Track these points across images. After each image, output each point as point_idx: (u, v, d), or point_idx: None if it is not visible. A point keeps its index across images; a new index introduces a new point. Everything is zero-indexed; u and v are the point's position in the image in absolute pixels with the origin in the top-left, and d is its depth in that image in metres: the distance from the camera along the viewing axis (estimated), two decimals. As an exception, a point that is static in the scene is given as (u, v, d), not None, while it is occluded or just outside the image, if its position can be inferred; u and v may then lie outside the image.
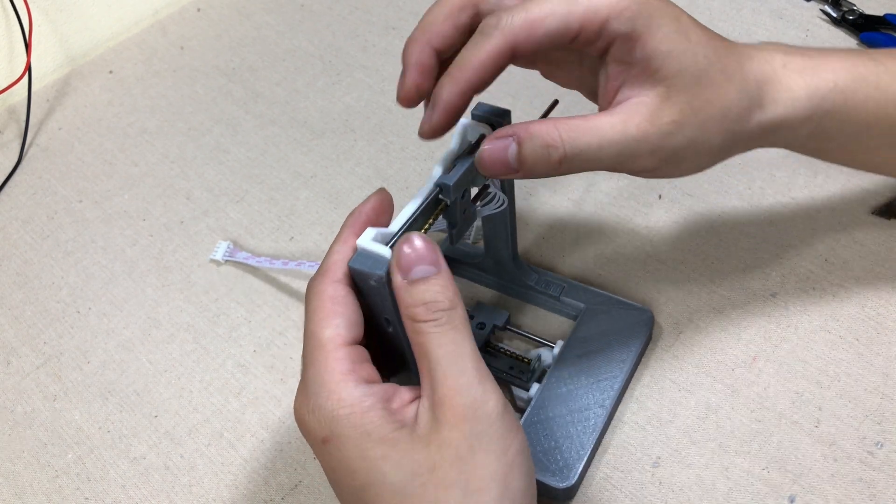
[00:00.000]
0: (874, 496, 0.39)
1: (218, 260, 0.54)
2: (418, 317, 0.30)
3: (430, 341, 0.30)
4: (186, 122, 0.65)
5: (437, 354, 0.30)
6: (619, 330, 0.45)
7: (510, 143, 0.33)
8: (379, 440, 0.29)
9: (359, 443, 0.29)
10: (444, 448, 0.29)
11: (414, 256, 0.30)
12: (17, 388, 0.49)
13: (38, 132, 0.66)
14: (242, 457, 0.45)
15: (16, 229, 0.59)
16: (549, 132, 0.33)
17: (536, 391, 0.43)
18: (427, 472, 0.29)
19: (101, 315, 0.52)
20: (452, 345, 0.30)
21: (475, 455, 0.29)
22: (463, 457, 0.29)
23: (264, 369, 0.48)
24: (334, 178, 0.59)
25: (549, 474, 0.40)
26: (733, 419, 0.43)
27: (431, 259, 0.31)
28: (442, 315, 0.30)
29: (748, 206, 0.53)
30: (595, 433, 0.41)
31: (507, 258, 0.47)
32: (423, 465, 0.29)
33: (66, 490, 0.44)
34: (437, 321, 0.30)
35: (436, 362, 0.30)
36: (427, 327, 0.30)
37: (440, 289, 0.30)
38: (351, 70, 0.68)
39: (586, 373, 0.43)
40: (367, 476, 0.29)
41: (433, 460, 0.29)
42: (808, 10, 0.67)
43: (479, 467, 0.29)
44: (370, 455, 0.29)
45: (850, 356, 0.45)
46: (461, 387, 0.30)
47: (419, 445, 0.29)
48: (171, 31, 0.75)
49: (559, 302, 0.47)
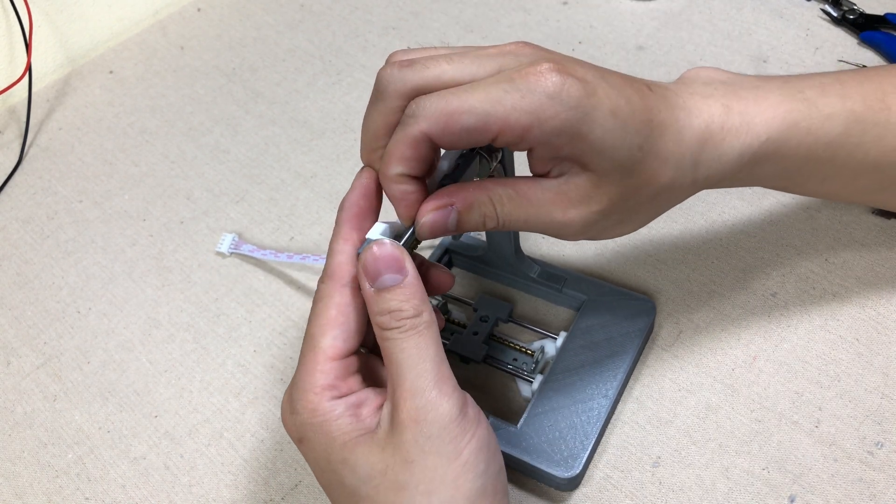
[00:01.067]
0: (874, 496, 0.39)
1: (223, 252, 0.54)
2: (384, 325, 0.31)
3: (392, 347, 0.31)
4: (186, 122, 0.65)
5: (398, 359, 0.31)
6: (621, 320, 0.45)
7: (451, 213, 0.33)
8: (341, 446, 0.31)
9: (324, 447, 0.31)
10: (397, 451, 0.30)
11: (380, 264, 0.31)
12: (18, 388, 0.49)
13: (39, 132, 0.66)
14: (242, 457, 0.45)
15: (16, 229, 0.59)
16: (486, 206, 0.33)
17: (540, 382, 0.43)
18: (379, 476, 0.30)
19: (102, 315, 0.52)
20: (414, 349, 0.31)
21: (426, 458, 0.30)
22: (413, 459, 0.30)
23: (264, 369, 0.48)
24: (334, 178, 0.59)
25: (553, 464, 0.40)
26: (733, 419, 0.43)
27: (397, 266, 0.31)
28: (405, 322, 0.31)
29: (748, 206, 0.53)
30: (599, 423, 0.41)
31: (509, 251, 0.47)
32: (375, 467, 0.30)
33: (67, 490, 0.44)
34: (400, 328, 0.31)
35: (396, 366, 0.31)
36: (391, 334, 0.31)
37: (405, 298, 0.31)
38: (351, 70, 0.68)
39: (589, 363, 0.44)
40: (329, 478, 0.31)
41: (386, 463, 0.30)
42: (808, 10, 0.67)
43: (428, 469, 0.30)
44: (332, 458, 0.31)
45: (850, 356, 0.45)
46: (416, 389, 0.30)
47: (376, 449, 0.30)
48: (171, 31, 0.75)
49: (561, 293, 0.48)
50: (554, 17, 0.70)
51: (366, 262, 0.32)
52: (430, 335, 0.31)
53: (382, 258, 0.31)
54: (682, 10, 0.69)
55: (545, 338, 0.46)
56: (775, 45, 0.64)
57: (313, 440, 0.32)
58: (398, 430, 0.30)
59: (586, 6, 0.70)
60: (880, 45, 0.62)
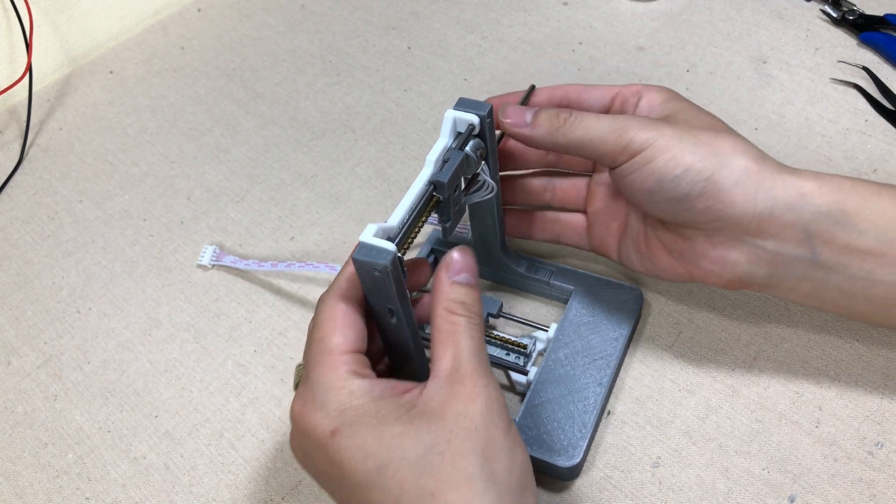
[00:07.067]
0: (874, 496, 0.39)
1: (205, 265, 0.54)
2: (455, 310, 0.34)
3: (460, 331, 0.34)
4: (187, 123, 0.65)
5: (464, 342, 0.34)
6: (609, 309, 0.46)
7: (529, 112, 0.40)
8: (394, 421, 0.31)
9: (375, 427, 0.31)
10: (462, 419, 0.31)
11: (462, 265, 0.35)
12: (18, 387, 0.49)
13: (39, 132, 0.66)
14: (242, 457, 0.45)
15: (16, 229, 0.59)
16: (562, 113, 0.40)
17: (535, 375, 0.44)
18: (445, 443, 0.31)
19: (102, 315, 0.52)
20: (477, 340, 0.34)
21: (488, 429, 0.31)
22: (478, 428, 0.31)
23: (264, 369, 0.48)
24: (335, 179, 0.59)
25: (553, 454, 0.40)
26: (733, 419, 0.43)
27: (473, 273, 0.36)
28: (474, 316, 0.34)
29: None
30: (595, 410, 0.42)
31: (495, 247, 0.47)
32: (440, 436, 0.31)
33: (67, 490, 0.44)
34: (468, 318, 0.34)
35: (463, 347, 0.33)
36: (460, 320, 0.34)
37: (474, 298, 0.35)
38: (351, 70, 0.68)
39: (581, 353, 0.44)
40: (385, 455, 0.31)
41: (450, 430, 0.31)
42: (808, 10, 0.67)
43: (491, 439, 0.31)
44: (387, 435, 0.31)
45: (850, 356, 0.45)
46: (480, 371, 0.33)
47: (435, 419, 0.31)
48: (171, 31, 0.75)
49: (549, 286, 0.48)
50: (554, 18, 0.70)
51: (452, 258, 0.35)
52: (483, 333, 0.35)
53: (465, 262, 0.35)
54: (682, 11, 0.69)
55: (536, 330, 0.47)
56: (775, 45, 0.64)
57: (356, 423, 0.32)
58: (460, 402, 0.32)
59: (586, 6, 0.70)
60: (880, 46, 0.62)
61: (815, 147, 0.56)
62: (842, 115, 0.58)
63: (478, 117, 0.38)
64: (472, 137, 0.39)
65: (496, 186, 0.42)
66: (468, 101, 0.39)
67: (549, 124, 0.39)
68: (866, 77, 0.60)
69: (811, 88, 0.60)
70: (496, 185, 0.42)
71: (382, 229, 0.34)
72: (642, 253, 0.43)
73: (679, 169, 0.37)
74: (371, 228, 0.34)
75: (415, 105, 0.64)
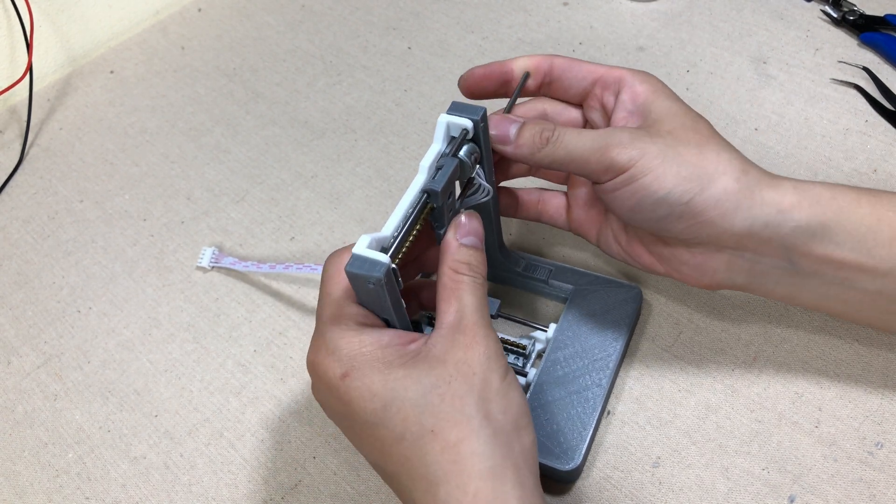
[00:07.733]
0: (874, 496, 0.39)
1: (205, 267, 0.54)
2: (461, 269, 0.36)
3: (464, 288, 0.36)
4: (187, 123, 0.66)
5: (467, 298, 0.36)
6: (608, 308, 0.46)
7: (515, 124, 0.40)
8: (399, 365, 0.34)
9: (381, 370, 0.33)
10: (461, 365, 0.33)
11: (469, 228, 0.37)
12: (18, 387, 0.49)
13: (40, 132, 0.66)
14: (242, 456, 0.45)
15: (17, 229, 0.59)
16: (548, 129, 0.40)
17: (534, 376, 0.43)
18: (445, 385, 0.33)
19: (102, 315, 0.52)
20: (480, 298, 0.36)
21: (485, 374, 0.34)
22: (476, 373, 0.33)
23: (264, 369, 0.48)
24: (335, 179, 0.59)
25: (553, 457, 0.40)
26: (733, 419, 0.43)
27: (480, 237, 0.38)
28: (477, 276, 0.36)
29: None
30: (595, 412, 0.42)
31: (493, 247, 0.47)
32: (441, 378, 0.33)
33: (67, 489, 0.44)
34: (472, 277, 0.36)
35: (466, 303, 0.35)
36: (465, 278, 0.36)
37: (480, 260, 0.37)
38: (351, 70, 0.68)
39: (581, 354, 0.44)
40: (389, 395, 0.33)
41: (450, 374, 0.33)
42: (808, 11, 0.67)
43: (488, 383, 0.33)
44: (392, 377, 0.33)
45: (850, 356, 0.45)
46: (481, 323, 0.35)
47: (436, 364, 0.34)
48: (171, 31, 0.75)
49: (548, 285, 0.48)
50: (555, 18, 0.70)
51: (461, 221, 0.37)
52: (485, 292, 0.37)
53: (472, 226, 0.37)
54: (683, 11, 0.69)
55: (535, 331, 0.46)
56: (775, 45, 0.64)
57: (365, 366, 0.34)
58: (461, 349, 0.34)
59: (587, 7, 0.70)
60: (880, 46, 0.62)
61: (815, 147, 0.56)
62: (842, 116, 0.58)
63: (471, 121, 0.38)
64: (467, 142, 0.38)
65: (492, 190, 0.41)
66: (461, 105, 0.38)
67: (531, 143, 0.40)
68: (866, 77, 0.60)
69: (811, 89, 0.60)
70: (492, 188, 0.41)
71: (376, 240, 0.34)
72: (622, 245, 0.43)
73: (661, 192, 0.37)
74: (364, 239, 0.34)
75: (415, 105, 0.64)
